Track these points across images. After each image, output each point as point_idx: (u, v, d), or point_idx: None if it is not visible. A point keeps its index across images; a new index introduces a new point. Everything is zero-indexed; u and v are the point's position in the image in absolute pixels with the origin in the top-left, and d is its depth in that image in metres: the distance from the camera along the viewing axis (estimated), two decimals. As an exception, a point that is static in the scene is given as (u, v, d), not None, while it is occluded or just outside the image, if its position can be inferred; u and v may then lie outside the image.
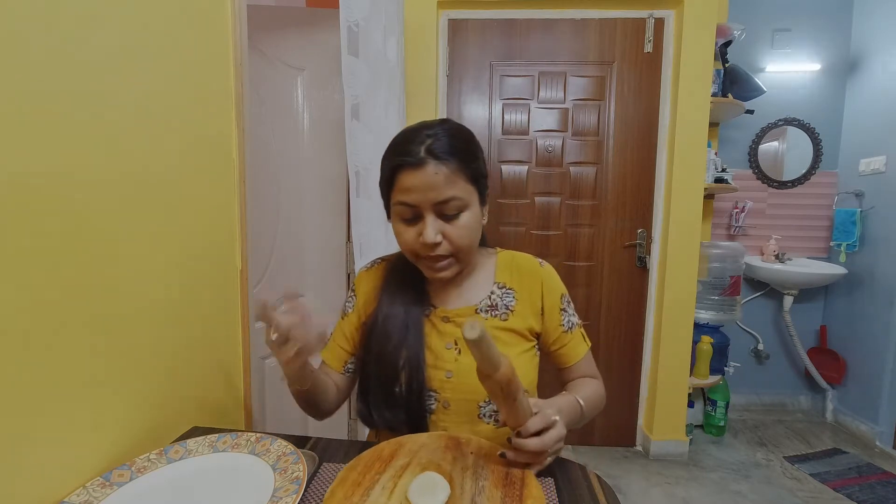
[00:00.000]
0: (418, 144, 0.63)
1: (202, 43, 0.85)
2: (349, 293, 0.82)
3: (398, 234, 0.68)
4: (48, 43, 0.54)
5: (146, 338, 0.71)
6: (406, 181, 0.63)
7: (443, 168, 0.62)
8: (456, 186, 0.63)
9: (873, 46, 2.29)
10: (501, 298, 0.74)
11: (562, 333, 0.76)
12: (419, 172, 0.62)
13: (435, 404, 0.71)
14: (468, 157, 0.65)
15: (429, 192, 0.62)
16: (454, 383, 0.70)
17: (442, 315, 0.73)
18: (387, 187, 0.67)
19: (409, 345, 0.70)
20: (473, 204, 0.66)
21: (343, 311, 0.82)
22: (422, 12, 1.88)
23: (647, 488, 1.84)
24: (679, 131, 1.92)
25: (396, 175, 0.64)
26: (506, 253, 0.80)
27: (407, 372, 0.69)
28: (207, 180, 0.87)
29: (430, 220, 0.64)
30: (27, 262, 0.51)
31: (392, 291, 0.75)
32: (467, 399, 0.70)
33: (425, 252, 0.66)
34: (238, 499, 0.55)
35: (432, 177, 0.62)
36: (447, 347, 0.72)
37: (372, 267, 0.83)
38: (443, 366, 0.71)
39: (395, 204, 0.66)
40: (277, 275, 1.67)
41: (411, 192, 0.63)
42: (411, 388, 0.69)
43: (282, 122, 1.66)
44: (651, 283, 2.08)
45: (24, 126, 0.51)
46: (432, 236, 0.63)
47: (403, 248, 0.69)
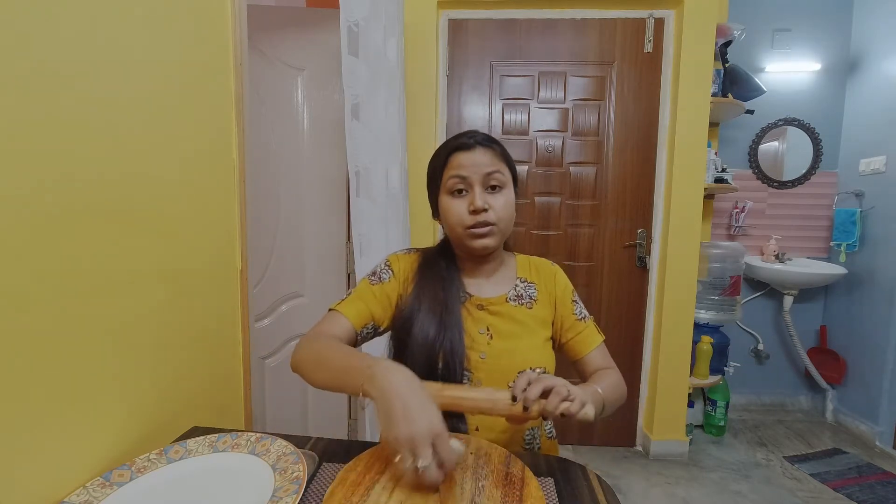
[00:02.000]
0: (469, 137, 0.77)
1: (202, 43, 0.85)
2: (382, 266, 0.83)
3: (447, 209, 0.77)
4: (48, 43, 0.54)
5: (146, 338, 0.71)
6: (459, 159, 0.76)
7: (489, 151, 0.76)
8: (500, 164, 0.77)
9: (873, 46, 2.29)
10: (525, 290, 0.83)
11: (576, 321, 0.83)
12: (471, 153, 0.76)
13: (469, 383, 0.76)
14: (504, 151, 0.80)
15: (479, 167, 0.75)
16: (488, 364, 0.76)
17: (477, 303, 0.80)
18: (440, 170, 0.78)
19: (449, 329, 0.75)
20: (510, 186, 0.78)
21: (375, 279, 0.81)
22: (422, 12, 1.88)
23: (647, 488, 1.84)
24: (679, 131, 1.92)
25: (451, 156, 0.76)
26: (522, 256, 0.89)
27: (448, 354, 0.74)
28: (207, 180, 0.87)
29: (478, 190, 0.74)
30: (27, 262, 0.51)
31: (431, 279, 0.80)
32: (498, 378, 0.75)
33: (473, 220, 0.74)
34: (238, 499, 0.55)
35: (481, 156, 0.75)
36: (480, 332, 0.78)
37: (407, 253, 0.86)
38: (478, 348, 0.77)
39: (447, 179, 0.76)
40: (277, 275, 1.67)
41: (463, 167, 0.75)
42: (451, 368, 0.74)
43: (282, 122, 1.66)
44: (651, 283, 2.08)
45: (24, 126, 0.51)
46: (481, 202, 0.73)
47: (452, 221, 0.77)
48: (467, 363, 0.75)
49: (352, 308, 0.77)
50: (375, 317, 0.78)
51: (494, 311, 0.79)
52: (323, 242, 1.74)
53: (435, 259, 0.83)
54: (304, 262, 1.72)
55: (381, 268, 0.83)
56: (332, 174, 1.71)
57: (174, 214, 0.77)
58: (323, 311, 0.79)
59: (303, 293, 1.74)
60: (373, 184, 1.29)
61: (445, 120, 2.04)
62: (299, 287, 1.73)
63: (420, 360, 0.74)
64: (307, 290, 1.74)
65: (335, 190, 1.72)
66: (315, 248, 1.73)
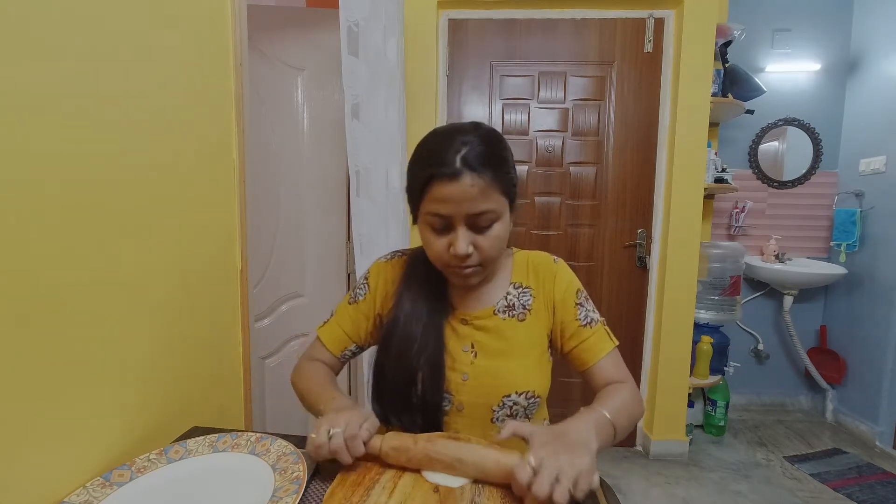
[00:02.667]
0: (453, 153, 0.59)
1: (202, 43, 0.85)
2: (362, 280, 0.80)
3: (427, 242, 0.66)
4: (48, 44, 0.54)
5: (146, 338, 0.71)
6: (440, 192, 0.60)
7: (479, 180, 0.59)
8: (490, 199, 0.61)
9: (873, 46, 2.29)
10: (518, 298, 0.73)
11: (579, 327, 0.72)
12: (454, 184, 0.59)
13: (449, 406, 0.70)
14: (503, 167, 0.63)
15: (463, 204, 0.60)
16: (470, 386, 0.69)
17: (461, 317, 0.72)
18: (418, 195, 0.64)
19: (429, 348, 0.69)
20: (505, 214, 0.65)
21: (352, 297, 0.79)
22: (422, 12, 1.88)
23: (647, 488, 1.84)
24: (679, 131, 1.92)
25: (429, 185, 0.61)
26: (521, 253, 0.79)
27: (426, 375, 0.68)
28: (207, 180, 0.87)
29: (461, 231, 0.62)
30: (27, 262, 0.51)
31: (413, 291, 0.73)
32: (481, 403, 0.69)
33: (455, 263, 0.64)
34: (238, 499, 0.55)
35: (468, 189, 0.59)
36: (464, 350, 0.71)
37: (391, 259, 0.80)
38: (460, 368, 0.70)
39: (425, 213, 0.64)
40: (277, 275, 1.67)
41: (445, 204, 0.60)
42: (429, 391, 0.68)
43: (282, 122, 1.66)
44: (651, 283, 2.07)
45: (24, 127, 0.51)
46: (464, 248, 0.62)
47: (432, 256, 0.67)
48: (448, 385, 0.69)
49: (330, 335, 0.78)
50: (353, 338, 0.78)
51: (480, 326, 0.71)
52: (323, 242, 1.74)
53: (418, 267, 0.74)
54: (304, 262, 1.72)
55: (360, 283, 0.79)
56: (332, 174, 1.71)
57: (174, 214, 0.77)
58: (323, 311, 0.80)
59: (303, 293, 1.74)
60: (373, 184, 1.29)
61: (445, 120, 2.04)
62: (299, 287, 1.73)
63: (397, 381, 0.70)
64: (307, 290, 1.74)
65: (335, 190, 1.72)
66: (315, 248, 1.73)
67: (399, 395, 0.70)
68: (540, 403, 0.73)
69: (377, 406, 0.75)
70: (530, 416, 0.72)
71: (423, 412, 0.69)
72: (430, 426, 0.69)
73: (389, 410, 0.72)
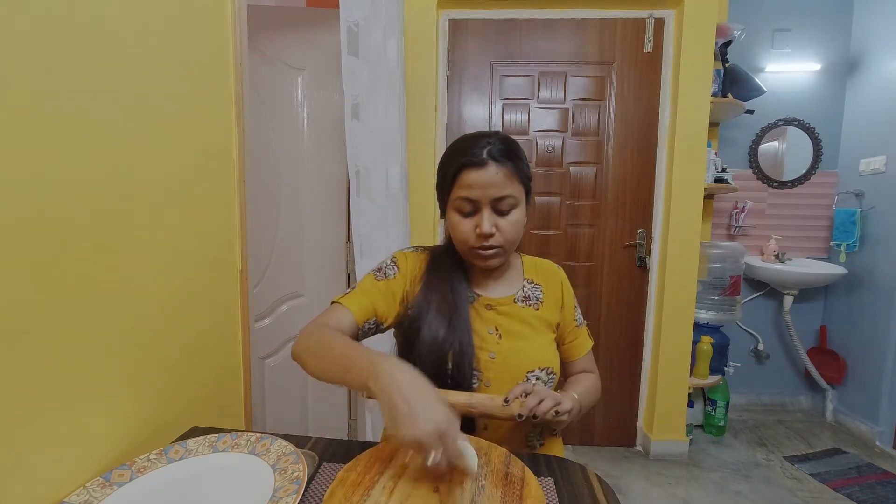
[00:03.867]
0: (480, 148, 0.72)
1: (202, 43, 0.85)
2: (388, 262, 0.81)
3: (455, 226, 0.76)
4: (48, 44, 0.54)
5: (146, 338, 0.71)
6: (469, 178, 0.72)
7: (502, 168, 0.72)
8: (511, 186, 0.73)
9: (873, 46, 2.29)
10: (532, 292, 0.84)
11: (574, 328, 0.86)
12: (482, 171, 0.71)
13: (478, 383, 0.76)
14: (520, 163, 0.76)
15: (489, 189, 0.71)
16: (497, 364, 0.76)
17: (486, 303, 0.80)
18: (449, 184, 0.74)
19: (459, 329, 0.75)
20: (522, 203, 0.76)
21: (380, 275, 0.80)
22: (422, 12, 1.88)
23: (647, 488, 1.84)
24: (679, 131, 1.92)
25: (460, 173, 0.72)
26: (527, 257, 0.90)
27: (457, 354, 0.74)
28: (207, 180, 0.87)
29: (486, 213, 0.72)
30: (27, 262, 0.51)
31: (439, 279, 0.80)
32: (507, 378, 0.76)
33: (479, 242, 0.73)
34: (238, 499, 0.55)
35: (493, 175, 0.71)
36: (489, 332, 0.78)
37: (415, 252, 0.85)
38: (487, 347, 0.77)
39: (455, 199, 0.74)
40: (277, 275, 1.67)
41: (473, 188, 0.72)
42: (461, 368, 0.74)
43: (282, 122, 1.66)
44: (651, 283, 2.07)
45: (24, 128, 0.51)
46: (489, 227, 0.72)
47: (459, 239, 0.76)
48: (476, 363, 0.75)
49: (355, 302, 0.75)
50: (379, 312, 0.77)
51: (503, 312, 0.80)
52: (323, 242, 1.74)
53: (443, 259, 0.82)
54: (304, 262, 1.72)
55: (387, 264, 0.81)
56: (332, 174, 1.71)
57: (174, 214, 0.77)
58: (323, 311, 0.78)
59: (303, 293, 1.74)
60: (373, 184, 1.29)
61: (445, 120, 2.04)
62: (299, 287, 1.73)
63: (429, 361, 0.74)
64: (307, 290, 1.74)
65: (335, 190, 1.72)
66: (315, 248, 1.73)
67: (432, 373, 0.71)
68: (555, 380, 0.81)
69: None
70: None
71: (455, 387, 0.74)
72: None
73: None
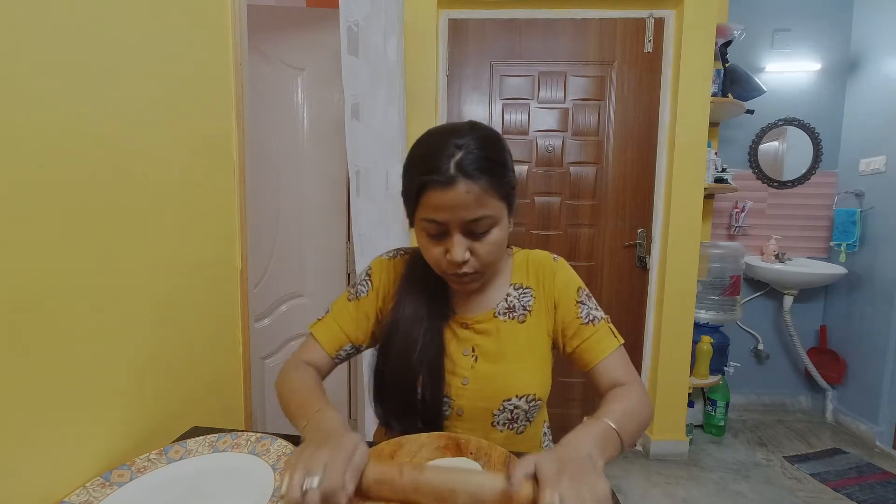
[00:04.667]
0: (447, 159, 0.57)
1: (202, 43, 0.85)
2: (363, 277, 0.77)
3: (424, 248, 0.65)
4: (48, 45, 0.54)
5: (146, 338, 0.71)
6: (434, 199, 0.58)
7: (474, 187, 0.57)
8: (487, 206, 0.59)
9: (873, 46, 2.29)
10: (518, 299, 0.72)
11: (580, 326, 0.70)
12: (449, 192, 0.57)
13: (449, 411, 0.69)
14: (500, 171, 0.61)
15: (459, 212, 0.58)
16: (470, 390, 0.69)
17: (461, 321, 0.72)
18: (413, 201, 0.62)
19: (429, 352, 0.68)
20: (503, 219, 0.63)
21: (352, 294, 0.75)
22: (422, 12, 1.88)
23: (647, 488, 1.84)
24: (679, 131, 1.92)
25: (423, 192, 0.59)
26: (521, 252, 0.77)
27: (426, 380, 0.67)
28: (207, 180, 0.87)
29: (457, 238, 0.60)
30: (28, 263, 0.51)
31: (414, 293, 0.71)
32: (482, 407, 0.69)
33: (451, 269, 0.63)
34: (238, 499, 0.55)
35: (463, 196, 0.57)
36: (464, 354, 0.70)
37: (393, 258, 0.77)
38: (460, 372, 0.69)
39: (420, 219, 0.62)
40: (277, 275, 1.67)
41: (440, 211, 0.59)
42: (429, 395, 0.68)
43: (282, 122, 1.66)
44: (651, 283, 2.07)
45: (24, 128, 0.51)
46: (460, 255, 0.60)
47: (430, 262, 0.66)
48: (448, 390, 0.69)
49: (325, 332, 0.73)
50: (351, 338, 0.73)
51: (481, 330, 0.71)
52: (323, 242, 1.74)
53: (420, 268, 0.72)
54: (304, 262, 1.72)
55: (362, 278, 0.76)
56: (332, 174, 1.71)
57: (174, 214, 0.77)
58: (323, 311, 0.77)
59: (303, 293, 1.74)
60: (373, 184, 1.29)
61: (445, 120, 2.04)
62: (299, 287, 1.73)
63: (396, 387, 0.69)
64: (307, 290, 1.74)
65: (335, 190, 1.72)
66: (315, 248, 1.73)
67: (400, 398, 0.70)
68: (541, 406, 0.72)
69: (378, 408, 0.74)
70: (531, 419, 0.72)
71: (423, 416, 0.69)
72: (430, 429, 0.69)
73: (390, 414, 0.72)
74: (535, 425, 0.75)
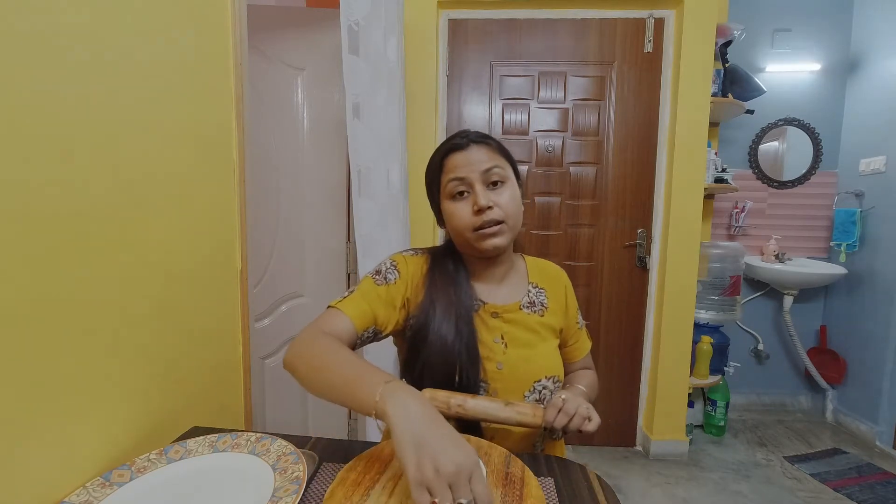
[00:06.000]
0: (461, 137, 0.76)
1: (202, 43, 0.85)
2: (388, 266, 0.77)
3: (451, 213, 0.75)
4: (48, 44, 0.54)
5: (146, 338, 0.71)
6: (455, 160, 0.74)
7: (483, 147, 0.74)
8: (497, 159, 0.74)
9: (873, 46, 2.29)
10: (537, 297, 0.82)
11: (577, 330, 0.87)
12: (465, 152, 0.73)
13: (485, 393, 0.75)
14: (501, 145, 0.78)
15: (475, 165, 0.72)
16: (504, 374, 0.75)
17: (491, 311, 0.78)
18: (437, 174, 0.76)
19: (465, 340, 0.73)
20: (512, 180, 0.76)
21: (379, 279, 0.75)
22: (422, 12, 1.88)
23: (647, 488, 1.84)
24: (679, 131, 1.92)
25: (446, 159, 0.75)
26: (530, 258, 0.88)
27: (465, 366, 0.72)
28: (207, 181, 0.87)
29: (479, 189, 0.72)
30: (28, 263, 0.51)
31: (441, 286, 0.76)
32: (514, 388, 0.75)
33: (479, 221, 0.71)
34: (238, 499, 0.55)
35: (476, 153, 0.73)
36: (495, 341, 0.76)
37: (414, 255, 0.80)
38: (494, 357, 0.75)
39: (446, 184, 0.74)
40: (277, 275, 1.67)
41: (460, 168, 0.73)
42: (467, 381, 0.72)
43: (282, 122, 1.66)
44: (651, 283, 2.07)
45: (24, 128, 0.51)
46: (485, 200, 0.71)
47: (459, 225, 0.74)
48: (483, 374, 0.74)
49: (355, 307, 0.70)
50: (378, 320, 0.72)
51: (509, 319, 0.78)
52: (323, 242, 1.74)
53: (445, 262, 0.79)
54: (304, 262, 1.72)
55: (387, 267, 0.77)
56: (332, 174, 1.71)
57: (174, 214, 0.77)
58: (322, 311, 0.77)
59: (303, 293, 1.74)
60: (374, 183, 1.29)
61: (445, 120, 2.04)
62: (299, 287, 1.73)
63: (439, 369, 0.72)
64: (307, 290, 1.74)
65: (335, 190, 1.72)
66: (315, 248, 1.73)
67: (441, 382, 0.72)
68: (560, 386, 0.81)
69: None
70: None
71: None
72: None
73: None
74: None
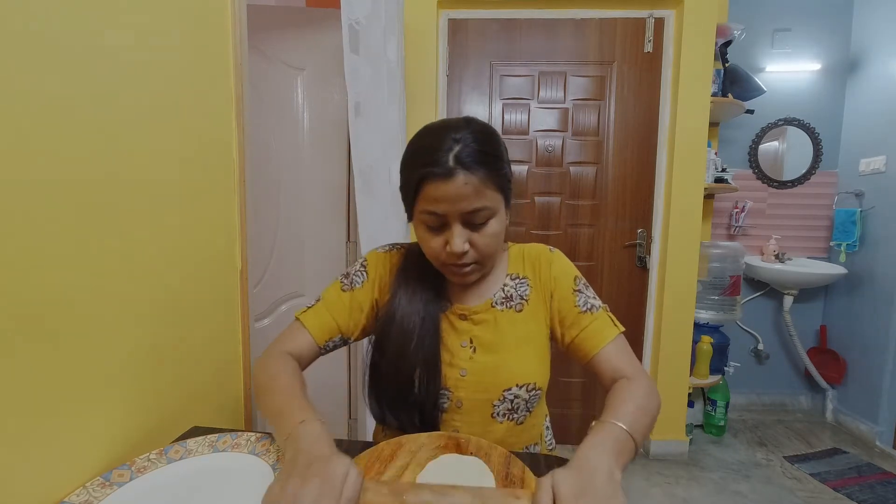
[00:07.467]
0: (445, 152, 0.59)
1: (202, 43, 0.85)
2: (357, 268, 0.75)
3: (423, 241, 0.66)
4: (48, 44, 0.54)
5: (146, 338, 0.71)
6: (433, 192, 0.59)
7: (472, 178, 0.59)
8: (485, 197, 0.60)
9: (873, 46, 2.29)
10: (515, 289, 0.72)
11: (578, 314, 0.70)
12: (448, 184, 0.58)
13: (448, 403, 0.69)
14: (497, 164, 0.62)
15: (458, 203, 0.59)
16: (468, 382, 0.69)
17: (459, 312, 0.71)
18: (412, 195, 0.63)
19: (426, 344, 0.68)
20: (500, 210, 0.64)
21: (346, 284, 0.74)
22: (422, 12, 1.88)
23: (647, 488, 1.84)
24: (679, 131, 1.92)
25: (423, 185, 0.60)
26: (515, 246, 0.78)
27: (423, 372, 0.67)
28: (207, 181, 0.87)
29: (457, 229, 0.61)
30: (28, 263, 0.51)
31: (410, 285, 0.71)
32: (481, 398, 0.68)
33: (451, 260, 0.64)
34: (238, 499, 0.55)
35: (462, 188, 0.58)
36: (462, 346, 0.70)
37: (389, 251, 0.77)
38: (458, 364, 0.69)
39: (420, 212, 0.63)
40: (277, 275, 1.67)
41: (439, 203, 0.60)
42: (427, 388, 0.67)
43: (282, 122, 1.66)
44: (651, 283, 2.07)
45: (23, 128, 0.51)
46: (460, 246, 0.61)
47: (429, 255, 0.66)
48: (445, 382, 0.68)
49: (316, 320, 0.71)
50: (342, 328, 0.72)
51: (479, 321, 0.71)
52: (323, 242, 1.74)
53: (415, 262, 0.73)
54: (304, 262, 1.72)
55: (356, 269, 0.75)
56: (332, 174, 1.71)
57: (174, 214, 0.77)
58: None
59: (303, 293, 1.74)
60: (376, 182, 1.29)
61: (445, 120, 2.04)
62: (299, 287, 1.73)
63: (394, 380, 0.69)
64: (307, 290, 1.74)
65: (335, 190, 1.72)
66: (315, 248, 1.73)
67: (396, 392, 0.70)
68: (541, 396, 0.72)
69: (374, 403, 0.74)
70: (531, 409, 0.72)
71: (420, 410, 0.69)
72: (428, 424, 0.69)
73: (387, 408, 0.72)
74: (536, 416, 0.75)
